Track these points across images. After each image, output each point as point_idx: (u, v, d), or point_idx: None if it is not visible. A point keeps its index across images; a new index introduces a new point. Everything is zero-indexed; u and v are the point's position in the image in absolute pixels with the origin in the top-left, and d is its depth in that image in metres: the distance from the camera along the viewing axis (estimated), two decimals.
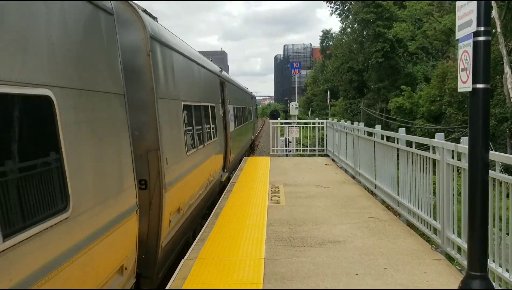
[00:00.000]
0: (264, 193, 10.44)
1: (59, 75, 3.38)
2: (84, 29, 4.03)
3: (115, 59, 4.75)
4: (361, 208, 8.84)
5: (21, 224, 2.76)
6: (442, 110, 26.92)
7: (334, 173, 13.32)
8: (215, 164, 10.84)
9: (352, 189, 10.84)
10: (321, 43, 66.42)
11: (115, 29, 4.78)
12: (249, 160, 16.87)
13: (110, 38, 4.62)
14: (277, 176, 12.82)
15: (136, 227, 5.01)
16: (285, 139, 19.50)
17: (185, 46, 8.84)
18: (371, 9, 34.72)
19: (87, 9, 4.11)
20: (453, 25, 27.06)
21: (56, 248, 3.15)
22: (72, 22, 3.74)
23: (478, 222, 4.17)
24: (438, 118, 28.91)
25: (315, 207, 8.99)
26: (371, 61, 36.24)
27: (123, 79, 4.87)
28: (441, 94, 27.05)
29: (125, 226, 4.61)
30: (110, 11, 4.66)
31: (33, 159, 3.06)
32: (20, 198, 2.82)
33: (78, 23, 3.88)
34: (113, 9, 4.75)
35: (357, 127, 11.83)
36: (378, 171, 9.74)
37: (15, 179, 2.81)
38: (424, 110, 29.05)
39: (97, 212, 3.90)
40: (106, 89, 4.40)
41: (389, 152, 8.79)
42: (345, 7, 53.36)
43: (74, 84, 3.64)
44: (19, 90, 2.83)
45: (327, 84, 53.33)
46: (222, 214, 8.55)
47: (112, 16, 4.72)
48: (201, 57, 10.73)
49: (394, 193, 8.50)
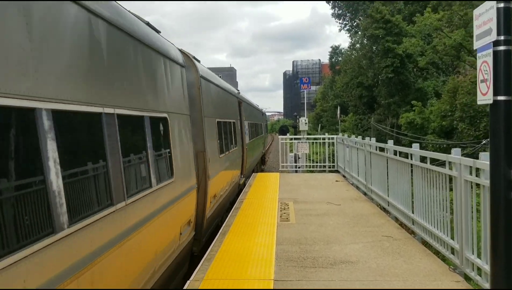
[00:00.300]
0: (273, 210, 10.19)
1: (168, 106, 6.47)
2: (175, 78, 7.07)
3: (186, 94, 7.78)
4: (374, 226, 8.55)
5: (161, 181, 5.75)
6: (454, 126, 26.52)
7: (345, 190, 13.03)
8: (235, 168, 13.62)
9: (364, 206, 10.54)
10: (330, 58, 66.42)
11: (185, 74, 7.88)
12: (258, 176, 16.63)
13: (183, 81, 7.67)
14: (286, 193, 12.58)
15: (195, 199, 7.90)
16: (295, 155, 19.25)
17: (216, 77, 11.77)
18: (380, 24, 34.56)
19: (176, 67, 7.22)
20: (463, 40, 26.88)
21: (169, 195, 6.13)
22: (173, 75, 6.92)
23: (501, 242, 3.91)
24: (450, 133, 28.48)
25: (326, 225, 8.72)
26: (381, 77, 35.96)
27: (188, 105, 7.87)
28: (452, 109, 26.68)
29: (191, 196, 7.51)
30: (183, 65, 7.82)
31: (163, 149, 6.08)
32: (159, 169, 5.78)
33: (174, 75, 7.01)
34: (184, 63, 7.92)
35: (369, 142, 11.57)
36: (391, 188, 9.46)
37: (157, 160, 5.69)
38: (435, 126, 28.64)
39: (182, 183, 6.88)
40: (183, 112, 7.46)
41: (403, 168, 8.52)
42: (354, 23, 53.49)
43: (174, 110, 6.76)
44: (159, 115, 5.95)
45: (337, 99, 53.02)
46: (230, 232, 8.31)
47: (184, 68, 7.88)
48: (225, 84, 14.03)
49: (408, 210, 8.21)
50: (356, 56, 44.39)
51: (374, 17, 35.06)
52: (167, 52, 6.66)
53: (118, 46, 4.66)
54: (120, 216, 4.27)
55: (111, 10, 4.56)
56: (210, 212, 9.10)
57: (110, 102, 4.23)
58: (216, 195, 9.78)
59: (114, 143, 4.26)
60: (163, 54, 6.40)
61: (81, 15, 3.83)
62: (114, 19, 4.56)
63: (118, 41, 4.68)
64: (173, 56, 7.08)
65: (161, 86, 6.20)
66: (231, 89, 15.04)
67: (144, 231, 4.93)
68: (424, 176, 7.31)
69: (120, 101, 4.51)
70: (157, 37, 6.48)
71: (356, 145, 13.44)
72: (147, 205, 5.10)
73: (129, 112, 4.73)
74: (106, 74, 4.29)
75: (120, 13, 4.92)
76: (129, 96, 4.82)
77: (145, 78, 5.45)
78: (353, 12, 52.76)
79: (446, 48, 29.46)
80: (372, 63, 37.98)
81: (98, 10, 4.14)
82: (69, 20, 3.62)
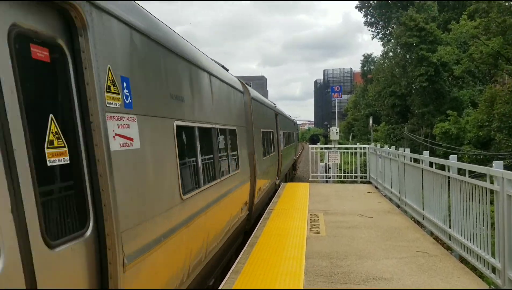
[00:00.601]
0: (303, 222, 9.94)
1: (235, 121, 9.29)
2: (237, 101, 9.88)
3: (244, 111, 10.78)
4: (408, 241, 8.18)
5: (234, 169, 8.69)
6: (491, 136, 25.67)
7: (377, 202, 12.65)
8: (273, 169, 16.07)
9: (397, 219, 10.16)
10: (362, 67, 65.67)
11: (243, 98, 10.79)
12: (288, 186, 16.37)
13: (243, 103, 10.68)
14: (316, 204, 12.29)
15: (249, 186, 10.48)
16: (325, 164, 18.89)
17: (261, 97, 15.01)
18: (414, 32, 33.93)
19: (239, 94, 10.16)
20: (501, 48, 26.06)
21: (237, 181, 8.79)
22: (237, 100, 9.83)
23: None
24: (487, 144, 27.60)
25: (358, 238, 8.40)
26: (414, 85, 35.22)
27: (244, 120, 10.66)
28: (489, 119, 25.84)
29: (247, 184, 10.16)
30: (242, 91, 10.71)
31: (234, 150, 8.90)
32: (233, 161, 8.76)
33: (237, 99, 9.88)
34: (243, 90, 10.89)
35: (403, 153, 11.18)
36: (426, 201, 9.08)
37: (232, 157, 8.76)
38: (471, 136, 27.82)
39: (243, 173, 9.59)
40: (243, 125, 10.32)
41: (439, 180, 8.14)
42: (386, 31, 52.81)
43: (239, 124, 9.65)
44: (230, 127, 8.63)
45: (368, 108, 52.31)
46: (258, 244, 8.10)
47: (243, 93, 10.82)
48: (266, 100, 17.37)
49: (445, 225, 7.83)
50: (389, 65, 43.75)
51: (407, 25, 34.46)
52: (234, 84, 9.69)
53: (224, 93, 8.38)
54: (221, 185, 7.34)
55: (232, 80, 9.71)
56: (257, 200, 11.60)
57: (216, 121, 7.34)
58: (261, 188, 12.30)
59: (216, 144, 7.24)
60: (233, 86, 9.45)
61: (228, 88, 8.78)
62: (227, 80, 8.83)
63: (224, 89, 8.43)
64: (237, 86, 10.16)
65: (233, 108, 9.39)
66: (270, 104, 18.35)
67: (229, 197, 7.98)
68: (463, 189, 6.95)
69: (219, 120, 7.63)
70: (230, 76, 9.72)
71: (389, 155, 13.06)
72: (230, 181, 8.12)
73: (220, 126, 7.64)
74: (219, 108, 7.80)
75: (227, 75, 9.25)
76: (222, 116, 7.97)
77: (227, 104, 8.71)
78: (385, 20, 52.11)
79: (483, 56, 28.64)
80: (405, 71, 37.30)
81: (231, 82, 9.34)
82: (226, 91, 8.58)
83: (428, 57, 32.78)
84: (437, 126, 30.92)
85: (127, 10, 3.99)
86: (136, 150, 3.88)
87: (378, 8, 52.66)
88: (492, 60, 28.88)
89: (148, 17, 4.70)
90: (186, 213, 5.18)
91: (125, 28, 3.86)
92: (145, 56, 4.34)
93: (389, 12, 49.75)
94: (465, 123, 28.86)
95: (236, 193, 8.65)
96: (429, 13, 39.67)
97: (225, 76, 8.67)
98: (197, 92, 6.23)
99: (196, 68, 6.32)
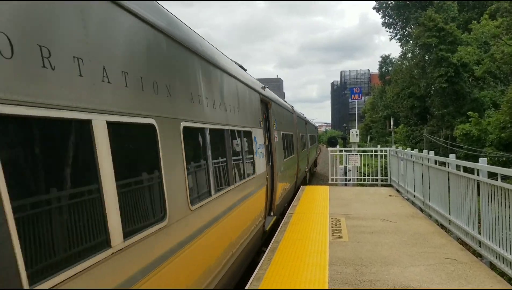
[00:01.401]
0: (324, 226, 9.70)
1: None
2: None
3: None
4: (434, 247, 7.89)
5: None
6: None
7: (400, 206, 12.32)
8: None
9: (421, 224, 9.86)
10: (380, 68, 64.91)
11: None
12: (307, 189, 16.11)
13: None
14: (337, 208, 12.03)
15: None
16: (345, 167, 18.52)
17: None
18: (433, 33, 33.34)
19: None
20: None
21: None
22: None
23: None
24: (509, 146, 26.97)
25: (382, 244, 8.15)
26: (434, 87, 34.63)
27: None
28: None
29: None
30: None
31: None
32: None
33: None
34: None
35: (427, 156, 10.84)
36: (453, 205, 8.77)
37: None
38: (493, 138, 27.20)
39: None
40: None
41: (467, 184, 7.83)
42: (405, 32, 52.16)
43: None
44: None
45: (387, 110, 51.68)
46: (279, 249, 7.89)
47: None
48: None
49: (474, 231, 7.53)
50: (408, 66, 43.13)
51: (426, 25, 33.90)
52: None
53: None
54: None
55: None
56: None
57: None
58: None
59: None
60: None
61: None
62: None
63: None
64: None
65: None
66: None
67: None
68: (493, 194, 6.65)
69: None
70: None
71: (412, 158, 12.72)
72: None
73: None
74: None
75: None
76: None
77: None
78: (404, 20, 51.46)
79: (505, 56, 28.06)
80: (424, 72, 36.72)
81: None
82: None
83: (448, 58, 32.19)
84: (458, 127, 30.33)
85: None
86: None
87: (396, 9, 52.00)
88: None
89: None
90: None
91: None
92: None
93: (408, 12, 49.09)
94: (487, 124, 28.25)
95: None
96: (448, 13, 39.04)
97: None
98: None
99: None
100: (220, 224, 5.72)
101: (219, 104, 6.23)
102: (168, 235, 3.94)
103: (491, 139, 27.46)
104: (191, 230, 4.58)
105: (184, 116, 4.65)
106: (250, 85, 9.14)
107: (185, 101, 4.76)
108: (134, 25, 3.68)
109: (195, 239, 4.65)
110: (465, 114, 30.67)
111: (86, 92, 2.85)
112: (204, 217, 5.06)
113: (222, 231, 5.88)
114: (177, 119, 4.44)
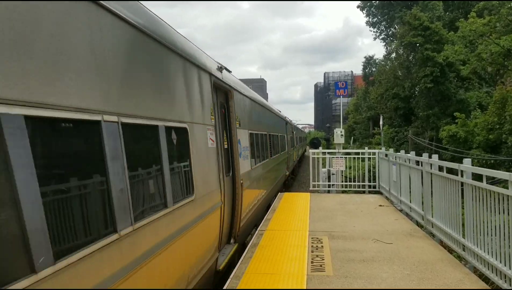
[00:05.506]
0: (302, 251, 8.03)
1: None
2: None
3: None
4: (448, 284, 6.26)
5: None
6: (502, 139, 24.24)
7: (393, 219, 10.74)
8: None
9: (424, 246, 8.28)
10: (364, 69, 64.15)
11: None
12: (284, 197, 14.52)
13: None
14: (319, 222, 10.46)
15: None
16: (328, 170, 16.99)
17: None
18: (419, 32, 32.53)
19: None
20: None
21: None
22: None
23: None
24: (497, 148, 26.14)
25: (378, 280, 6.49)
26: (418, 87, 33.78)
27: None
28: (501, 122, 24.41)
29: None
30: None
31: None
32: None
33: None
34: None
35: (429, 160, 9.18)
36: (469, 227, 7.12)
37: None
38: (480, 139, 26.36)
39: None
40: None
41: (488, 199, 6.31)
42: (389, 31, 51.43)
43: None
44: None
45: (370, 111, 50.85)
46: None
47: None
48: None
49: (502, 265, 5.93)
50: (392, 66, 42.28)
51: (412, 24, 33.06)
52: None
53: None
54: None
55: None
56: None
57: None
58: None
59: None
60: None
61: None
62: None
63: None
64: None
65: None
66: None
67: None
68: None
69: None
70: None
71: (408, 163, 11.05)
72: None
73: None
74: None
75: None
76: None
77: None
78: (388, 20, 50.75)
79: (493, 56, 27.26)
80: (409, 72, 35.88)
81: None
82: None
83: (433, 57, 31.38)
84: (444, 128, 29.46)
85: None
86: None
87: (381, 8, 51.30)
88: (502, 60, 27.56)
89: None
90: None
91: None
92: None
93: (392, 11, 48.38)
94: (474, 126, 27.42)
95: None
96: (434, 12, 38.28)
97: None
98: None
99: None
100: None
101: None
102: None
103: (478, 141, 26.64)
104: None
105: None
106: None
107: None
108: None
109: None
110: (451, 115, 29.90)
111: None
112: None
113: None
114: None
